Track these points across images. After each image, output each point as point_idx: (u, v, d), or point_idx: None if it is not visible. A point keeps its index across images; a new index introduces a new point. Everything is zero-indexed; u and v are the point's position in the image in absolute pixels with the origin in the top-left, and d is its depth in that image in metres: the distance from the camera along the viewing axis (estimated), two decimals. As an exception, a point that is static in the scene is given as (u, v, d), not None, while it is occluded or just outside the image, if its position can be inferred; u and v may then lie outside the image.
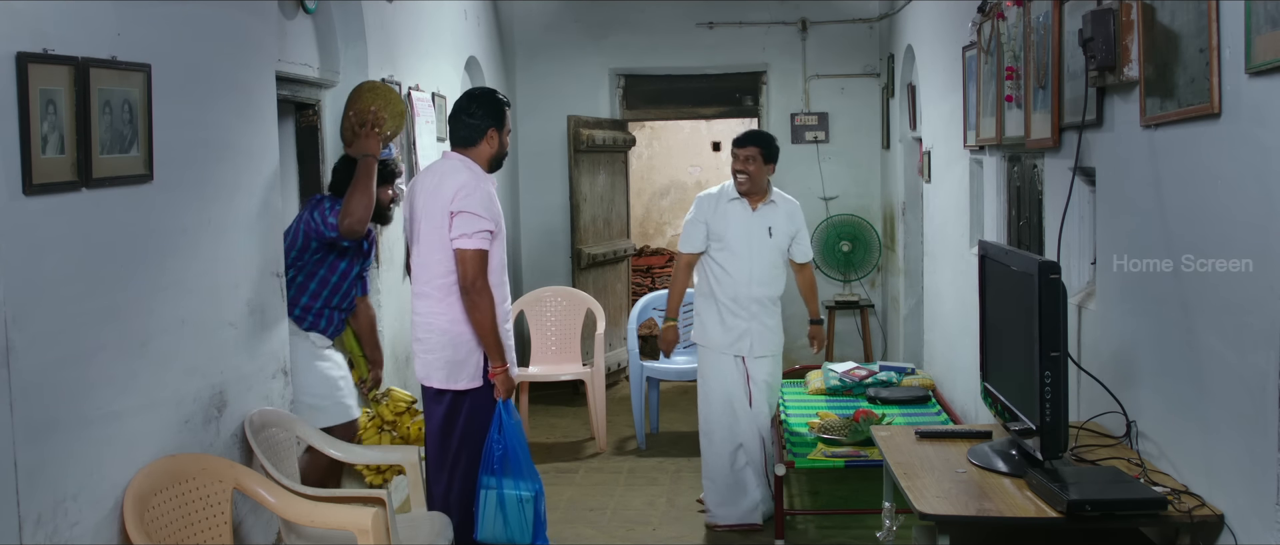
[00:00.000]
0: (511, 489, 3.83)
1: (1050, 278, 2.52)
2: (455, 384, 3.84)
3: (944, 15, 5.38)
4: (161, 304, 2.95)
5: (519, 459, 3.85)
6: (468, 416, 3.86)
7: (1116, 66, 2.78)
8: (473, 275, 3.73)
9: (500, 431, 3.84)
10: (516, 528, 3.82)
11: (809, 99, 7.96)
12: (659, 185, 11.14)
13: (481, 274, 3.74)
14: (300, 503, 3.07)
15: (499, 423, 3.85)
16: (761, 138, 4.87)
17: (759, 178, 4.79)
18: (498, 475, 3.82)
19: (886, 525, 3.33)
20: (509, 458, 3.83)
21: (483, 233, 3.74)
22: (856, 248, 7.75)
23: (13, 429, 2.33)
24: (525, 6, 7.92)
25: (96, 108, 2.61)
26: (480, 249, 3.74)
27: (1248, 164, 2.22)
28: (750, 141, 4.82)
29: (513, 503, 3.82)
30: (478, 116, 3.91)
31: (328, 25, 4.63)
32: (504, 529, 3.83)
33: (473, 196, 3.74)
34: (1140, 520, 2.48)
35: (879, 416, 4.73)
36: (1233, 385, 2.31)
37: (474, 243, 3.73)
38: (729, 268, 4.81)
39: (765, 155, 4.79)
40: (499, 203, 3.89)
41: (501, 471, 3.83)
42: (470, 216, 3.73)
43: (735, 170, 4.81)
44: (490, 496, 3.82)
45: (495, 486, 3.82)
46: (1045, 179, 3.70)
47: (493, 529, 3.83)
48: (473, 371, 3.84)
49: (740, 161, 4.79)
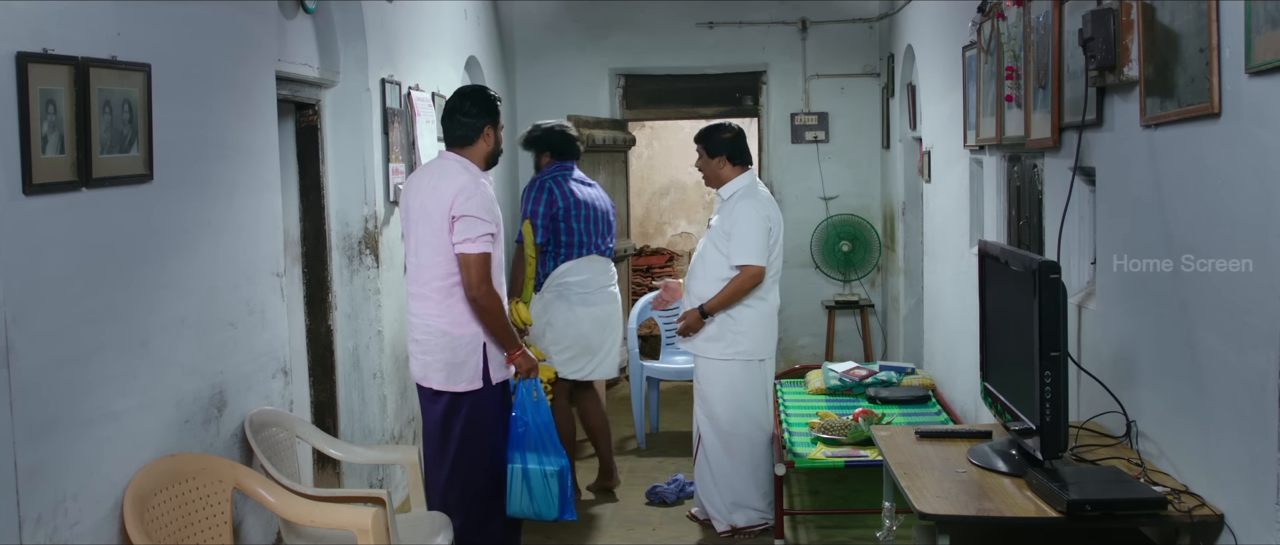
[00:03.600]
0: (536, 464, 3.96)
1: (1050, 278, 2.52)
2: (454, 386, 3.83)
3: (944, 15, 5.38)
4: (161, 304, 2.95)
5: (543, 435, 3.99)
6: (467, 418, 3.86)
7: (1116, 66, 2.78)
8: (478, 280, 3.72)
9: (524, 411, 3.97)
10: (542, 502, 3.96)
11: (809, 99, 7.96)
12: (659, 185, 11.14)
13: (487, 278, 3.74)
14: (300, 502, 3.07)
15: (522, 402, 3.98)
16: (703, 133, 4.81)
17: (714, 172, 4.76)
18: (522, 451, 3.96)
19: (886, 525, 3.33)
20: (531, 434, 3.97)
21: (485, 236, 3.73)
22: (856, 248, 7.75)
23: (13, 429, 2.33)
24: (525, 6, 7.91)
25: (96, 108, 2.61)
26: (484, 252, 3.73)
27: (1248, 164, 2.22)
28: (696, 138, 4.82)
29: (537, 477, 3.95)
30: (472, 115, 3.90)
31: (328, 25, 4.63)
32: (530, 503, 3.98)
33: (473, 199, 3.73)
34: (1140, 520, 2.48)
35: (879, 416, 4.73)
36: (1233, 385, 2.31)
37: (478, 247, 3.72)
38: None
39: (708, 149, 4.75)
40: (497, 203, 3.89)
41: (525, 447, 3.97)
42: (473, 220, 3.71)
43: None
44: (516, 471, 3.96)
45: (520, 462, 3.95)
46: (1045, 179, 3.70)
47: (520, 503, 3.99)
48: (472, 373, 3.83)
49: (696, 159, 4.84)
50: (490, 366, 3.86)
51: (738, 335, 4.66)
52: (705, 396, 4.74)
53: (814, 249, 7.78)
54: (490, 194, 3.85)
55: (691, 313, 4.70)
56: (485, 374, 3.85)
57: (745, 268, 4.58)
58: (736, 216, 4.61)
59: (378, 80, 4.87)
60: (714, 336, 4.68)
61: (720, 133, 4.77)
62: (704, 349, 4.71)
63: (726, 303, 4.63)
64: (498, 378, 3.90)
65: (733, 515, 4.73)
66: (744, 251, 4.58)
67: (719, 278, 4.64)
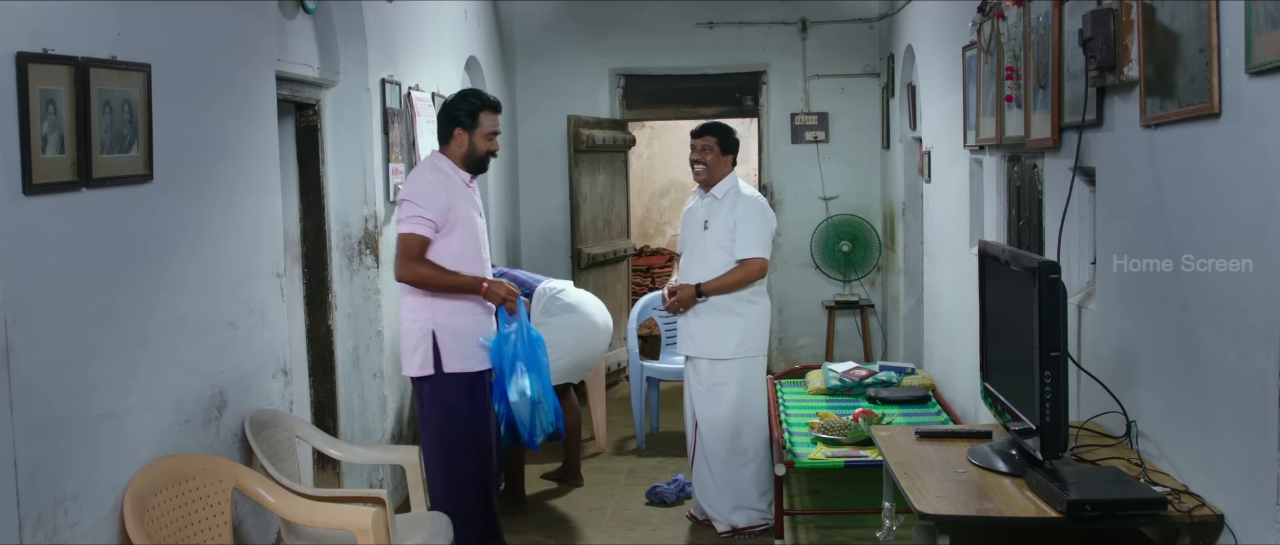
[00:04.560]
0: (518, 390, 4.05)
1: (1050, 278, 2.52)
2: (410, 371, 4.02)
3: (944, 15, 5.38)
4: (161, 304, 2.95)
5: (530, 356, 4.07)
6: (427, 404, 4.02)
7: (1116, 66, 2.78)
8: (399, 256, 3.91)
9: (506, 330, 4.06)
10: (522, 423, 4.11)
11: (809, 99, 7.96)
12: (659, 185, 11.14)
13: (404, 258, 3.89)
14: (300, 503, 3.08)
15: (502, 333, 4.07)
16: (719, 128, 4.80)
17: (717, 168, 4.75)
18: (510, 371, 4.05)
19: (886, 525, 3.33)
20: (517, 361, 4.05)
21: (415, 218, 3.87)
22: (856, 248, 7.75)
23: (13, 429, 2.33)
24: (525, 6, 7.91)
25: (96, 108, 2.61)
26: (409, 232, 3.87)
27: (1248, 164, 2.22)
28: (707, 131, 4.77)
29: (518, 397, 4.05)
30: (442, 119, 4.11)
31: (328, 25, 4.63)
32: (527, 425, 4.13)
33: (412, 185, 3.97)
34: (1140, 520, 2.48)
35: (879, 416, 4.73)
36: (1233, 385, 2.31)
37: (405, 226, 3.89)
38: (681, 264, 4.86)
39: (722, 145, 4.74)
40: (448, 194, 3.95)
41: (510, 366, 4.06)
42: (405, 203, 3.92)
43: (692, 161, 4.79)
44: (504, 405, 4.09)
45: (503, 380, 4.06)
46: (1045, 179, 3.70)
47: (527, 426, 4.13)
48: (422, 359, 3.97)
49: (697, 151, 4.76)
50: (443, 355, 3.95)
51: (747, 332, 4.70)
52: (711, 397, 4.73)
53: (814, 249, 7.77)
54: (435, 183, 3.95)
55: (686, 288, 4.71)
56: (437, 362, 3.94)
57: (751, 260, 4.63)
58: (740, 212, 4.66)
59: (378, 80, 4.87)
60: (723, 336, 4.70)
61: (731, 132, 4.80)
62: (714, 350, 4.72)
63: (727, 289, 4.66)
64: (454, 368, 3.95)
65: (733, 515, 4.74)
66: (751, 245, 4.64)
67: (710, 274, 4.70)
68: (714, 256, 4.70)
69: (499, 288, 4.01)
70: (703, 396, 4.76)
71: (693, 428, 4.85)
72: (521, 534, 4.84)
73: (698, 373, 4.78)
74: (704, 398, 4.75)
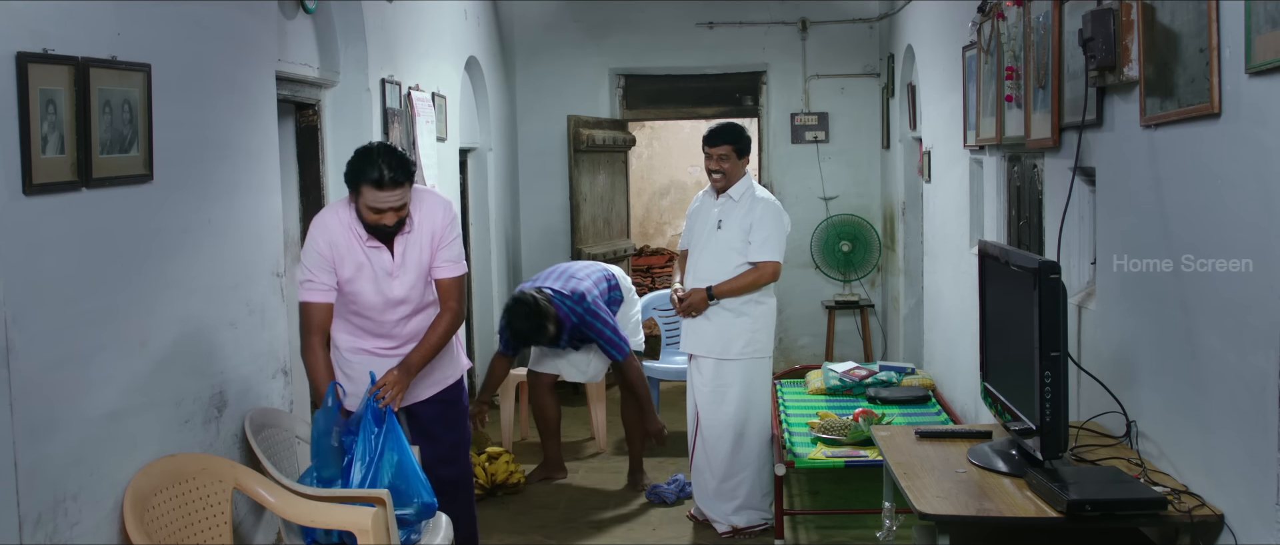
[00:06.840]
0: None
1: (1050, 278, 2.52)
2: None
3: (944, 15, 5.38)
4: (161, 304, 2.95)
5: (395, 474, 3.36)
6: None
7: (1116, 66, 2.78)
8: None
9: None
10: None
11: (809, 99, 7.96)
12: (659, 185, 11.14)
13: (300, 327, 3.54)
14: (300, 502, 3.08)
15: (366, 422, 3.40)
16: (732, 133, 4.72)
17: (734, 174, 4.73)
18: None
19: (886, 525, 3.33)
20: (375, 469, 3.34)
21: (304, 283, 3.50)
22: (856, 248, 7.75)
23: (13, 429, 2.33)
24: (525, 6, 7.92)
25: (96, 108, 2.61)
26: (301, 302, 3.52)
27: (1248, 164, 2.22)
28: (722, 140, 4.69)
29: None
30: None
31: (328, 25, 4.63)
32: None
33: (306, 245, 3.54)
34: (1140, 520, 2.48)
35: (879, 416, 4.73)
36: (1233, 385, 2.31)
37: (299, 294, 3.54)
38: (689, 263, 4.85)
39: (738, 151, 4.71)
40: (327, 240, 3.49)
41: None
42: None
43: (709, 170, 4.75)
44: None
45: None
46: (1045, 179, 3.70)
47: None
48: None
49: (714, 161, 4.71)
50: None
51: (754, 333, 4.71)
52: (716, 397, 4.73)
53: (814, 249, 7.78)
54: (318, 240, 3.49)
55: (697, 292, 4.70)
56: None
57: (765, 263, 4.64)
58: (757, 215, 4.66)
59: (378, 80, 4.87)
60: (730, 337, 4.70)
61: (743, 133, 4.77)
62: (721, 350, 4.71)
63: (739, 292, 4.66)
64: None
65: (734, 516, 4.74)
66: (766, 248, 4.65)
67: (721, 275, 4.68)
68: (726, 257, 4.70)
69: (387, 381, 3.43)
70: (707, 396, 4.75)
71: (694, 427, 4.85)
72: (521, 534, 4.84)
73: (702, 372, 4.77)
74: (708, 398, 4.74)
